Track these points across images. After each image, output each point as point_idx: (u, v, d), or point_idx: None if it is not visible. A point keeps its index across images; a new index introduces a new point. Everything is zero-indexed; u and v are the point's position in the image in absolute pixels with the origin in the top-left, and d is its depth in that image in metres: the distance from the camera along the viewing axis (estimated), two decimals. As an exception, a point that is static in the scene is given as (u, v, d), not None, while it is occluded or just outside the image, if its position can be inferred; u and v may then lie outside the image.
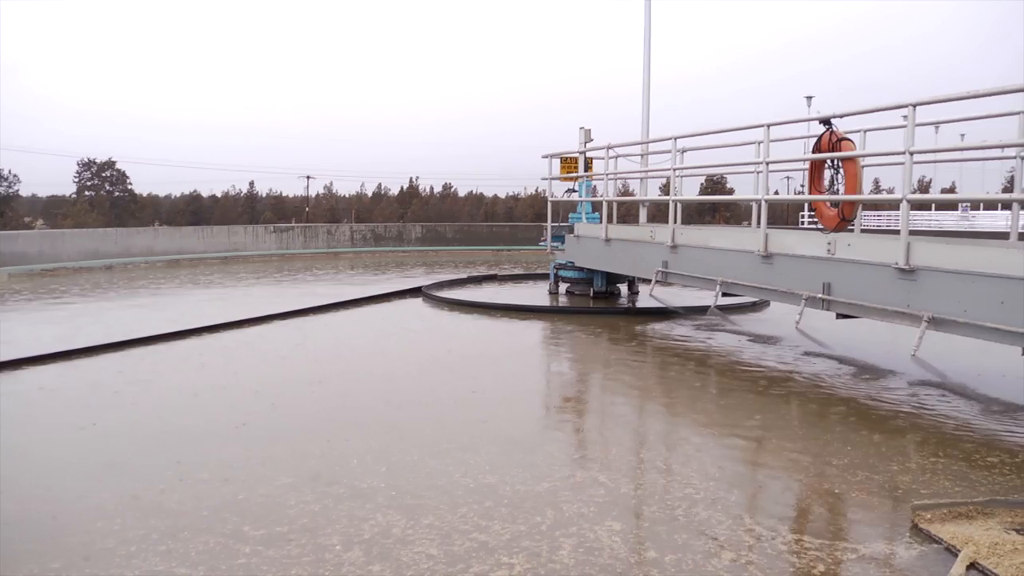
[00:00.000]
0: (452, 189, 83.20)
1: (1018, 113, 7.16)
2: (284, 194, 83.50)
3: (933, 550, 3.90)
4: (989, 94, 6.48)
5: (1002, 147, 7.91)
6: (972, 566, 3.70)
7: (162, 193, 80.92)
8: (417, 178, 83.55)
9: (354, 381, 7.90)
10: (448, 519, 4.27)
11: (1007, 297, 5.91)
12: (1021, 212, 7.94)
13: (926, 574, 3.65)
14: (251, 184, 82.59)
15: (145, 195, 74.93)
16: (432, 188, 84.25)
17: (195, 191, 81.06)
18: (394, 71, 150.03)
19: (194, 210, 75.41)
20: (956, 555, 3.78)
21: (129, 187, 70.53)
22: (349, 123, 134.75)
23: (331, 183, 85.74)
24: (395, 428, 6.16)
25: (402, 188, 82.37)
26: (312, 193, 78.60)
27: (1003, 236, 8.38)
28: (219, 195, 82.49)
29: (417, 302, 14.02)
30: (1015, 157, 7.87)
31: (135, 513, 4.40)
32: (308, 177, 73.31)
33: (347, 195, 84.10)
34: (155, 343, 9.72)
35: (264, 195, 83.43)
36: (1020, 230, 7.73)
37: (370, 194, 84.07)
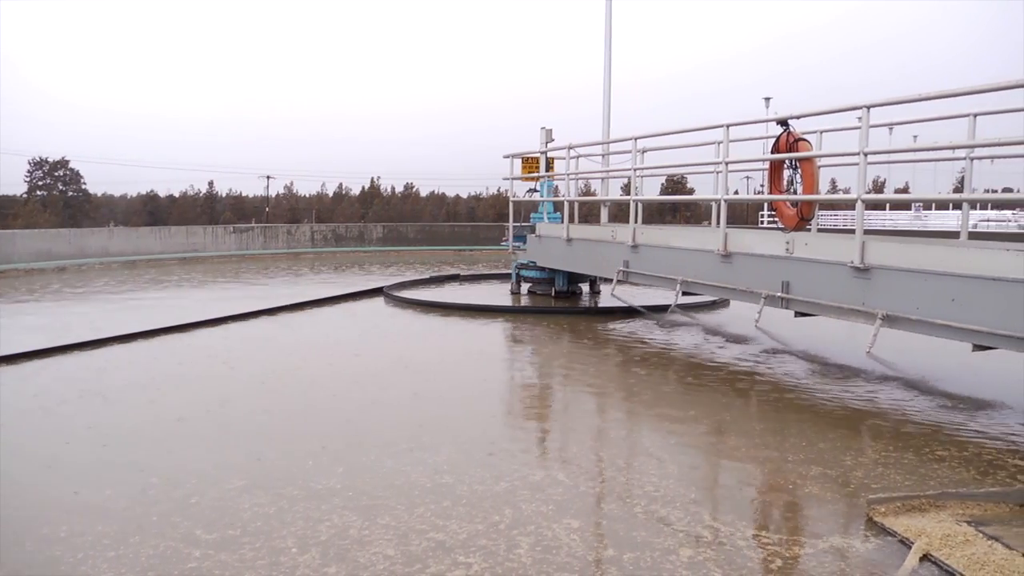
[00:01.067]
0: (414, 189, 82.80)
1: (967, 116, 7.31)
2: (244, 194, 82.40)
3: (888, 543, 3.95)
4: (939, 96, 6.61)
5: (952, 148, 8.08)
6: (925, 558, 3.75)
7: (118, 193, 79.32)
8: (379, 178, 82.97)
9: (311, 382, 7.80)
10: (405, 519, 4.22)
11: (957, 295, 6.03)
12: (971, 212, 8.09)
13: (881, 567, 3.69)
14: (210, 184, 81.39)
15: (100, 195, 73.34)
16: (394, 188, 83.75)
17: (152, 191, 79.61)
18: (355, 70, 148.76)
19: (151, 210, 74.03)
20: (910, 547, 3.83)
21: (83, 187, 69.04)
22: (310, 121, 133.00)
23: (292, 183, 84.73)
24: (353, 428, 6.09)
25: (363, 188, 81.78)
26: (272, 193, 77.65)
27: (954, 235, 8.55)
28: (177, 195, 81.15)
29: (379, 302, 13.91)
30: (965, 158, 8.04)
31: (82, 518, 4.28)
32: (268, 177, 72.41)
33: (308, 195, 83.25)
34: (105, 345, 9.51)
35: (224, 195, 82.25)
36: (970, 229, 7.90)
37: (331, 194, 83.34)
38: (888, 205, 40.71)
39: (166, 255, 24.52)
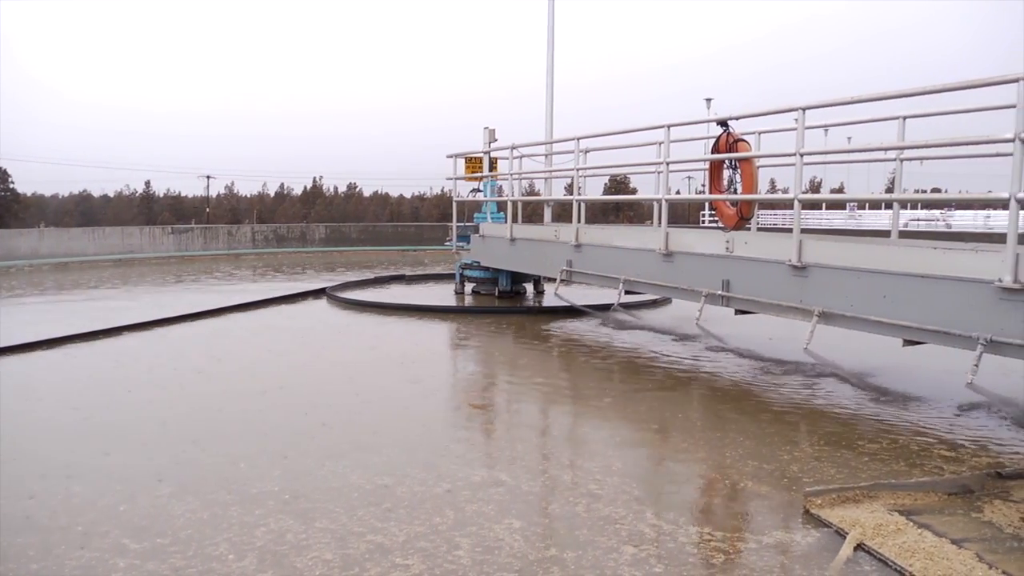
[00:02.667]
0: (357, 189, 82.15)
1: (897, 118, 7.50)
2: (183, 194, 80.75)
3: (824, 534, 4.01)
4: (870, 99, 6.78)
5: (884, 149, 8.28)
6: (859, 547, 3.82)
7: (48, 193, 76.90)
8: (321, 178, 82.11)
9: (249, 384, 7.62)
10: (344, 522, 4.14)
11: (889, 292, 6.18)
12: (902, 211, 8.32)
13: (818, 557, 3.75)
14: (147, 184, 79.53)
15: (29, 195, 70.96)
16: (336, 188, 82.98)
17: (85, 191, 77.46)
18: (296, 67, 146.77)
19: (84, 211, 71.98)
20: (845, 537, 3.90)
21: (11, 186, 66.68)
22: (250, 119, 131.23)
23: (232, 183, 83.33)
24: (292, 431, 5.97)
25: (306, 188, 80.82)
26: (212, 193, 76.14)
27: (886, 234, 8.77)
28: (112, 195, 79.06)
29: (321, 303, 13.71)
30: (895, 159, 8.25)
31: (6, 531, 4.10)
32: (208, 177, 70.89)
33: (249, 195, 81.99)
34: (23, 352, 9.18)
35: (161, 195, 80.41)
36: (901, 228, 8.11)
37: (272, 194, 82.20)
38: (824, 204, 41.78)
39: (100, 257, 23.80)
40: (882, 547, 3.77)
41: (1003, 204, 5.55)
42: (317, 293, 14.57)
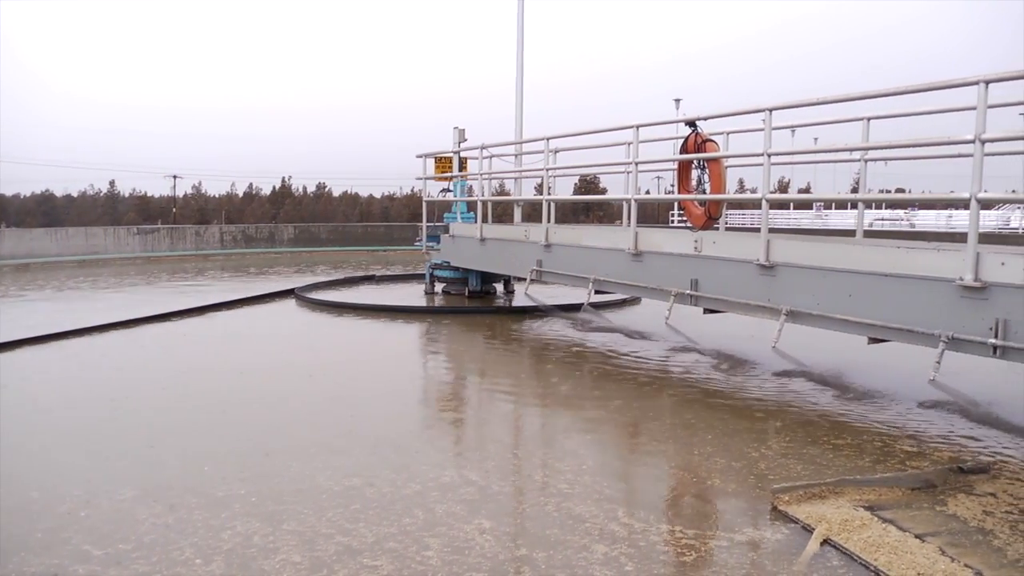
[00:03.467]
0: (326, 189, 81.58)
1: (861, 119, 7.60)
2: (149, 194, 79.61)
3: (792, 530, 4.05)
4: (835, 101, 6.87)
5: (849, 150, 8.40)
6: (826, 542, 3.86)
7: (9, 192, 75.36)
8: (290, 178, 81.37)
9: (213, 386, 7.53)
10: (312, 524, 4.10)
11: (854, 290, 6.26)
12: (867, 211, 8.43)
13: (785, 553, 3.78)
14: (111, 184, 78.37)
15: (-11, 194, 69.59)
16: (305, 188, 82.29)
17: (48, 190, 76.03)
18: (264, 65, 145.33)
19: (46, 211, 70.67)
20: (811, 533, 3.94)
21: (-30, 185, 65.28)
22: (217, 118, 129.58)
23: (200, 183, 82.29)
24: (259, 432, 5.91)
25: (274, 188, 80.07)
26: (179, 193, 75.13)
27: (852, 233, 8.90)
28: (75, 195, 77.76)
29: (290, 304, 13.58)
30: (859, 160, 8.36)
31: (-39, 535, 4.01)
32: (175, 176, 69.88)
33: (217, 195, 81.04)
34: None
35: (127, 195, 79.26)
36: (866, 228, 8.22)
37: (241, 194, 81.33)
38: (792, 204, 42.32)
39: (64, 257, 23.38)
40: (848, 542, 3.82)
41: (964, 204, 5.65)
42: (286, 294, 14.44)
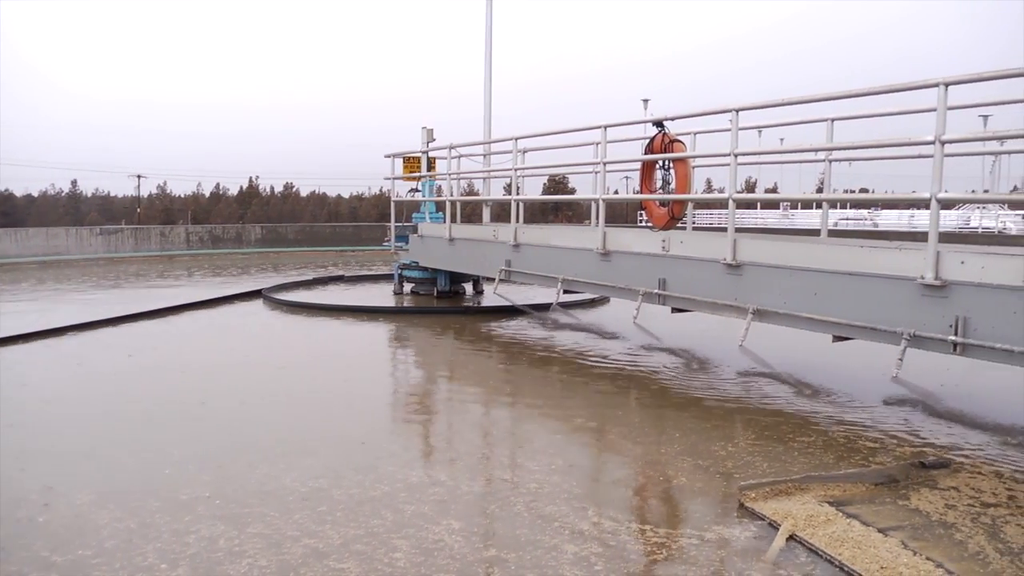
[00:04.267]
0: (294, 189, 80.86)
1: (825, 120, 7.69)
2: (112, 194, 78.38)
3: (759, 526, 4.09)
4: (799, 102, 6.95)
5: (814, 150, 8.50)
6: (791, 538, 3.90)
7: (-36, 192, 73.72)
8: (257, 177, 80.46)
9: (179, 387, 7.42)
10: (279, 526, 4.05)
11: (819, 289, 6.34)
12: (832, 211, 8.55)
13: (753, 549, 3.81)
14: (74, 183, 77.01)
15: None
16: (273, 188, 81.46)
17: (7, 190, 74.43)
18: (229, 63, 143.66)
19: (5, 211, 69.13)
20: (778, 529, 3.98)
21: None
22: (182, 116, 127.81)
23: (165, 183, 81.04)
24: (224, 434, 5.84)
25: (241, 188, 79.18)
26: (144, 193, 74.00)
27: (818, 233, 9.01)
28: (36, 195, 76.28)
29: (258, 305, 13.43)
30: (824, 160, 8.47)
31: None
32: (139, 176, 68.85)
33: (183, 195, 79.91)
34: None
35: (89, 195, 77.94)
36: (831, 227, 8.33)
37: (207, 194, 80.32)
38: (759, 204, 42.75)
39: (24, 258, 22.92)
40: (813, 537, 3.86)
41: (925, 204, 5.74)
42: (253, 295, 14.28)
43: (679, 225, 9.19)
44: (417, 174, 14.98)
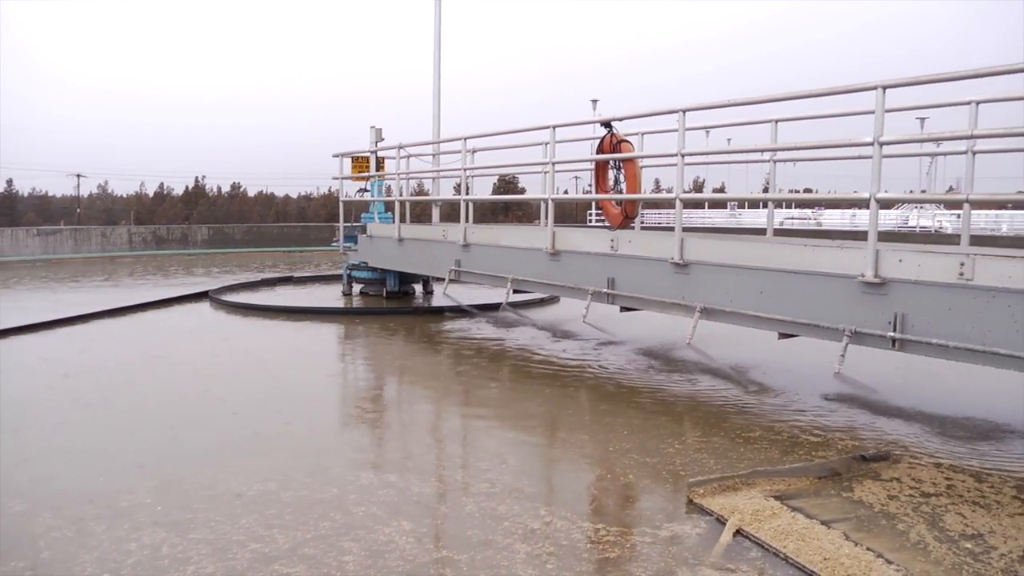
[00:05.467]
0: (241, 189, 79.35)
1: (770, 121, 7.84)
2: (50, 194, 76.04)
3: (707, 522, 4.15)
4: (744, 103, 7.08)
5: (759, 151, 8.65)
6: (739, 532, 3.97)
7: None
8: (203, 177, 78.74)
9: (122, 391, 7.24)
10: (225, 531, 3.98)
11: (764, 287, 6.45)
12: (777, 210, 8.71)
13: (701, 544, 3.86)
14: (9, 183, 74.45)
15: None
16: (220, 188, 79.82)
17: (-67, 189, 71.76)
18: (171, 55, 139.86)
19: (-65, 211, 66.65)
20: (725, 524, 4.04)
21: None
22: (124, 114, 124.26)
23: (106, 182, 78.94)
24: (171, 438, 5.70)
25: (187, 188, 77.43)
26: (84, 193, 71.96)
27: (764, 232, 9.17)
28: (-34, 194, 73.60)
29: (204, 307, 13.17)
30: (769, 160, 8.63)
31: None
32: (79, 175, 66.93)
33: (126, 195, 77.92)
34: None
35: (26, 195, 75.51)
36: (776, 226, 8.48)
37: (151, 194, 78.45)
38: (706, 204, 43.37)
39: (-46, 260, 22.13)
40: (759, 531, 3.93)
41: (865, 204, 5.89)
42: (199, 296, 14.00)
43: (630, 225, 9.27)
44: (366, 174, 14.85)
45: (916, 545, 3.84)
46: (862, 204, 5.78)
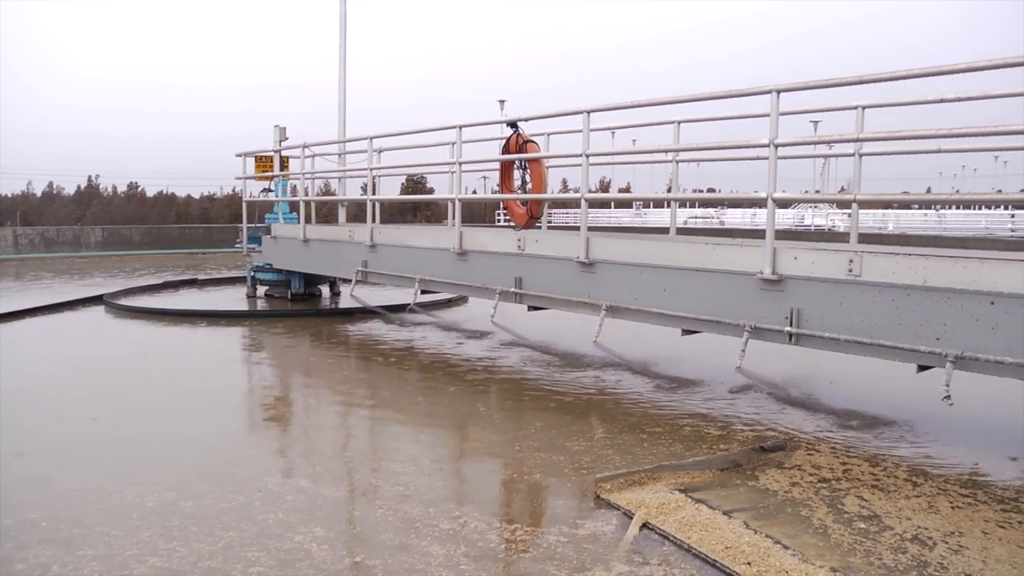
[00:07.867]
0: (139, 189, 76.28)
1: (673, 123, 8.04)
2: (-75, 193, 71.33)
3: (616, 516, 4.23)
4: (648, 104, 7.24)
5: (662, 151, 8.88)
6: (645, 526, 4.07)
7: None
8: (97, 177, 75.43)
9: (11, 400, 6.85)
10: (121, 546, 3.81)
11: (668, 285, 6.63)
12: (681, 210, 8.96)
13: (611, 539, 3.94)
14: None
15: None
16: (115, 188, 76.54)
17: None
18: (61, 46, 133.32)
19: None
20: (633, 518, 4.13)
21: None
22: (6, 109, 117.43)
23: (-14, 181, 74.65)
24: (62, 450, 5.41)
25: (79, 188, 73.96)
26: (-39, 193, 67.72)
27: (668, 231, 9.40)
28: None
29: (99, 312, 12.57)
30: (671, 161, 8.87)
31: None
32: (-43, 174, 62.92)
33: (10, 195, 73.76)
34: None
35: None
36: (680, 225, 8.72)
37: (40, 194, 74.57)
38: (612, 203, 44.19)
39: None
40: (664, 524, 4.04)
41: (763, 203, 6.12)
42: (94, 300, 13.37)
43: (536, 224, 9.36)
44: (270, 174, 14.50)
45: (817, 529, 4.03)
46: (760, 204, 6.02)
